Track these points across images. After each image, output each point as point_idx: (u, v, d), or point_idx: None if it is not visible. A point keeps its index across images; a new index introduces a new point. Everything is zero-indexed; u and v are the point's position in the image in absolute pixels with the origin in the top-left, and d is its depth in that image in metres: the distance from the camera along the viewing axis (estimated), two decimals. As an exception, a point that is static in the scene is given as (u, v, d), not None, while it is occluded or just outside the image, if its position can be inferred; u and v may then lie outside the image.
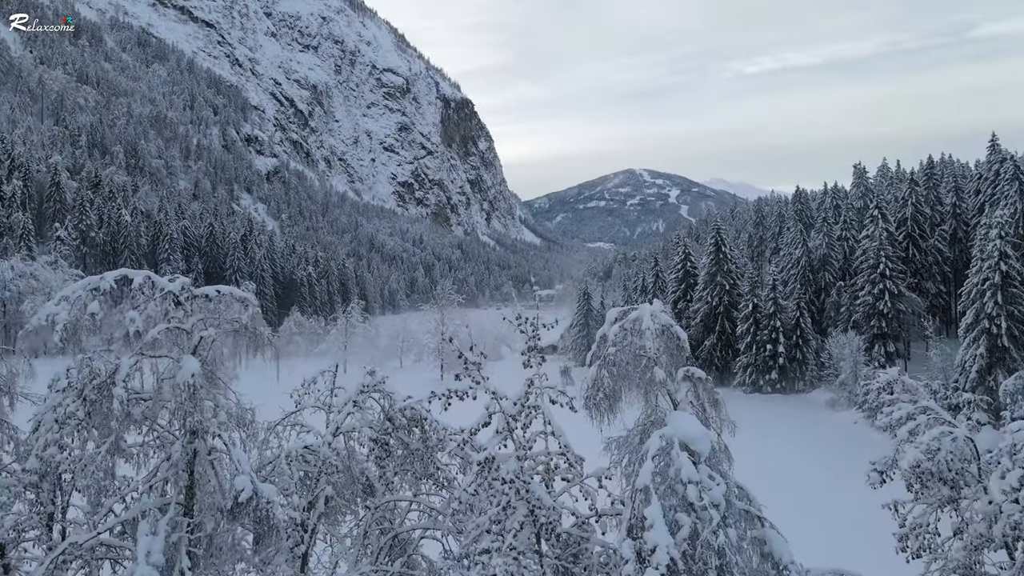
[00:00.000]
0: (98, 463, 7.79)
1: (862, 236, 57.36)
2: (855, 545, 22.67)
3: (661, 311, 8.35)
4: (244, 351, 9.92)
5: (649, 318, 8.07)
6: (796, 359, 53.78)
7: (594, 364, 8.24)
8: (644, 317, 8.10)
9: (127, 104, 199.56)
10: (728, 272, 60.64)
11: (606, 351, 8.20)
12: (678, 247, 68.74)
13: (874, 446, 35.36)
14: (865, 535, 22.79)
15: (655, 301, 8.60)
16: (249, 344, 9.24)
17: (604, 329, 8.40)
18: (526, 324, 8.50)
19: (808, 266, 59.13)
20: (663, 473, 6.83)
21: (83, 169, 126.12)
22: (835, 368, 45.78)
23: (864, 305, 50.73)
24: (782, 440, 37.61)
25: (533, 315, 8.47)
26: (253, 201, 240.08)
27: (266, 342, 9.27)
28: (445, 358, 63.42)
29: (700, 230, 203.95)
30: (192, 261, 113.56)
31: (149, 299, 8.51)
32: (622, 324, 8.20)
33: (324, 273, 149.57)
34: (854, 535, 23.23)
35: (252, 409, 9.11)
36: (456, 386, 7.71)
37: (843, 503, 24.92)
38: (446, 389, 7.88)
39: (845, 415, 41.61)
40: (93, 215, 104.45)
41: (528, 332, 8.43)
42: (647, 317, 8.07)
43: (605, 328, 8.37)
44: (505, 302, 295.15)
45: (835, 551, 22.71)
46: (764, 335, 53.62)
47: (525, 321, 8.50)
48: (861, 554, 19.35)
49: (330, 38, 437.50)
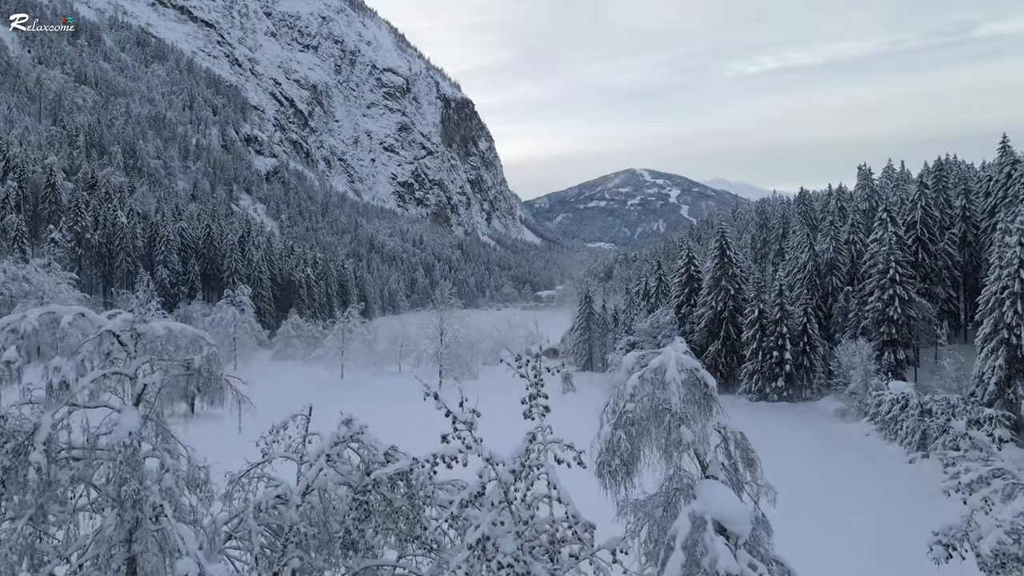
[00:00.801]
0: (13, 543, 6.50)
1: (870, 240, 56.04)
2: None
3: (685, 353, 7.09)
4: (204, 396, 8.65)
5: (675, 367, 6.76)
6: (803, 366, 52.50)
7: (608, 423, 6.91)
8: (669, 366, 6.79)
9: (125, 104, 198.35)
10: (733, 276, 59.35)
11: (623, 408, 6.88)
12: (682, 250, 67.42)
13: (887, 460, 34.12)
14: (893, 558, 21.47)
15: (677, 341, 7.31)
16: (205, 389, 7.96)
17: (619, 379, 7.11)
18: (527, 368, 7.21)
19: (815, 270, 57.84)
20: (695, 561, 5.59)
21: (80, 170, 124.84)
22: (844, 376, 44.49)
23: (873, 311, 49.44)
24: (792, 452, 36.29)
25: (535, 357, 7.16)
26: (252, 201, 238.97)
27: (225, 387, 8.00)
28: (444, 364, 62.15)
29: (702, 231, 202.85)
30: (189, 263, 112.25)
31: (84, 340, 7.24)
32: (642, 375, 6.90)
33: (323, 275, 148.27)
34: (880, 560, 21.89)
35: (206, 468, 7.84)
36: (443, 450, 6.44)
37: (865, 523, 23.61)
38: (431, 455, 6.60)
39: (856, 426, 40.30)
40: (89, 217, 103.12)
41: (530, 377, 7.14)
42: (672, 366, 6.76)
43: (620, 377, 7.08)
44: (506, 303, 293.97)
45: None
46: (770, 342, 52.33)
47: (526, 364, 7.20)
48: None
49: (330, 38, 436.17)
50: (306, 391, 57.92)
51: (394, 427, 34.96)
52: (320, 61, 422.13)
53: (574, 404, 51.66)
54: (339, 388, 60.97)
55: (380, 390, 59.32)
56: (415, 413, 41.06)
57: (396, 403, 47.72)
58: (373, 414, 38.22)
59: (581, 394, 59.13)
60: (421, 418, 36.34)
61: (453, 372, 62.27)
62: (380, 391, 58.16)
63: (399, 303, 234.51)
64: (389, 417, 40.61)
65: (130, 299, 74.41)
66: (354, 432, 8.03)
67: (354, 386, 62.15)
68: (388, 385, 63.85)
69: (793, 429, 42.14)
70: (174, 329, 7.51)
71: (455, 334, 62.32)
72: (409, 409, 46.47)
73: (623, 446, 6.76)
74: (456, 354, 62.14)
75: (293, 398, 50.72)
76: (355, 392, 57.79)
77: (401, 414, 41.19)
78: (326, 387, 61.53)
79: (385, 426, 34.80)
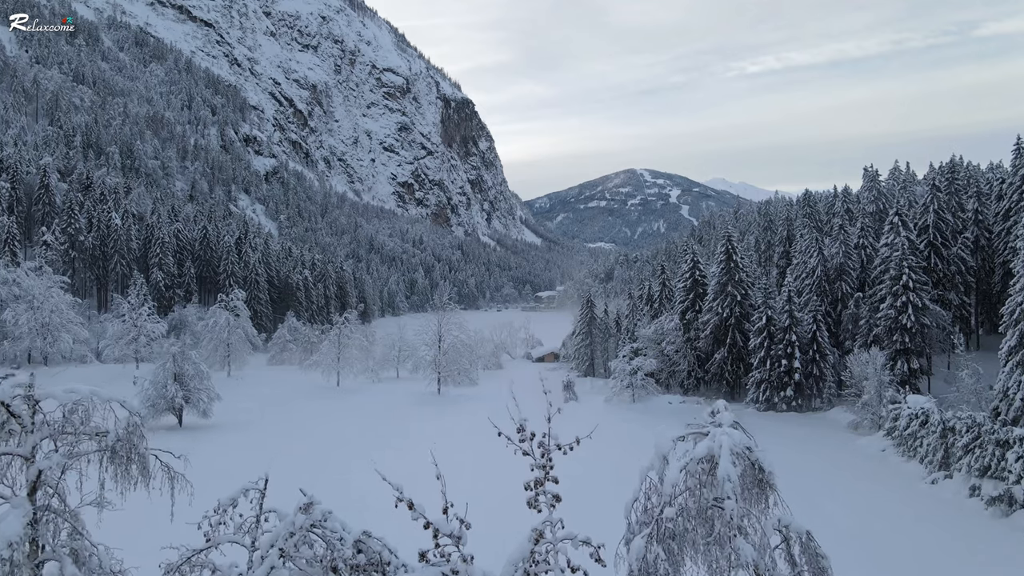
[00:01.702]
0: None
1: (881, 244, 54.46)
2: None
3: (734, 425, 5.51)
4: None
5: (729, 458, 5.11)
6: (812, 375, 50.89)
7: (639, 535, 5.23)
8: (721, 457, 5.14)
9: (123, 104, 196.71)
10: (740, 282, 57.75)
11: (659, 514, 5.19)
12: (687, 254, 65.78)
13: (907, 479, 32.50)
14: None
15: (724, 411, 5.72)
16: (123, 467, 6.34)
17: (654, 472, 5.44)
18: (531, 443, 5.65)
19: (824, 276, 56.23)
20: None
21: (75, 170, 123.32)
22: (857, 387, 42.89)
23: (886, 319, 47.82)
24: (805, 469, 34.68)
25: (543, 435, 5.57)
26: (251, 202, 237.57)
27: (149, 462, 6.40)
28: (443, 371, 60.54)
29: (703, 232, 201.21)
30: (184, 265, 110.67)
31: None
32: (686, 467, 5.27)
33: (321, 276, 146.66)
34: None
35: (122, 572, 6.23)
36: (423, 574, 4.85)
37: (898, 553, 21.98)
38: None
39: (870, 440, 38.67)
40: (82, 218, 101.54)
41: (535, 456, 5.56)
42: (726, 458, 5.11)
43: (655, 471, 5.40)
44: (506, 303, 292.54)
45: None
46: (779, 349, 50.71)
47: (531, 438, 5.64)
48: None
49: (330, 38, 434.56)
50: (300, 399, 56.31)
51: (389, 451, 32.92)
52: (320, 61, 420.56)
53: (576, 416, 49.93)
54: (335, 396, 59.37)
55: (377, 399, 57.72)
56: (410, 430, 39.04)
57: (391, 418, 46.11)
58: (367, 434, 36.09)
59: (583, 403, 57.55)
60: (419, 441, 34.04)
61: (452, 379, 60.72)
62: (377, 401, 56.55)
63: (399, 305, 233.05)
64: (384, 435, 38.93)
65: (122, 303, 72.72)
66: (315, 519, 6.43)
67: (350, 394, 60.55)
68: (385, 393, 62.24)
69: (804, 442, 40.54)
70: (82, 393, 5.91)
71: (454, 340, 60.71)
72: (404, 424, 44.86)
73: (661, 568, 5.07)
74: (455, 361, 60.54)
75: (286, 407, 48.86)
76: (351, 401, 56.18)
77: (398, 432, 39.45)
78: (321, 394, 59.93)
79: (379, 446, 32.43)
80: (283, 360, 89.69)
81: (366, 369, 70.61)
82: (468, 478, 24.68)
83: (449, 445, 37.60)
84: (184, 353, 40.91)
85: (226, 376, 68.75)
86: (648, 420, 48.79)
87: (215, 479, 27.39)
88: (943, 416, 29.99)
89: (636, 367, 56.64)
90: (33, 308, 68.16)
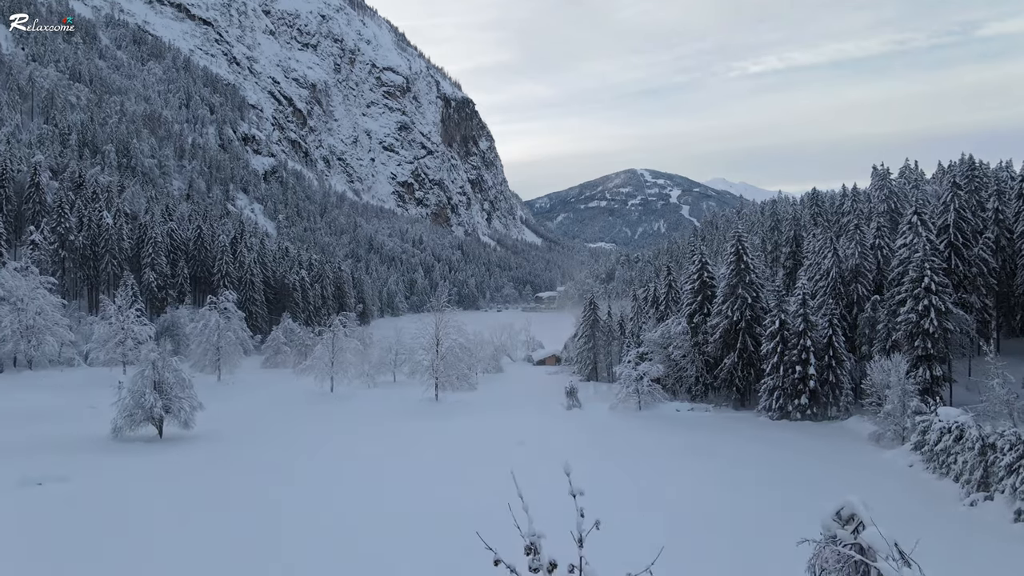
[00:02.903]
0: None
1: (898, 244, 52.05)
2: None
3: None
4: None
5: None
6: (828, 382, 48.45)
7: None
8: None
9: (120, 102, 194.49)
10: (751, 284, 55.32)
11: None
12: (694, 255, 63.35)
13: (941, 500, 30.06)
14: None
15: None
16: None
17: None
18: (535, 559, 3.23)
19: (839, 277, 53.82)
20: None
21: (67, 168, 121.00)
22: (878, 395, 40.49)
23: (907, 323, 45.41)
24: (828, 485, 32.30)
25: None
26: (250, 201, 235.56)
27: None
28: (440, 376, 58.14)
29: (707, 232, 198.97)
30: (178, 266, 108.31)
31: None
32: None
33: (318, 277, 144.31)
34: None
35: None
36: None
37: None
38: None
39: (895, 454, 36.26)
40: (73, 217, 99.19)
41: None
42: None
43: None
44: (506, 304, 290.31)
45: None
46: (793, 355, 48.30)
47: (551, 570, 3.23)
48: None
49: (329, 36, 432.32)
50: (290, 406, 53.81)
51: (378, 480, 29.99)
52: (319, 60, 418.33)
53: (581, 426, 47.51)
54: (327, 402, 56.94)
55: (371, 407, 55.25)
56: (406, 447, 36.54)
57: (382, 435, 43.62)
58: (353, 450, 32.68)
59: (587, 410, 55.16)
60: (416, 462, 30.14)
61: (450, 384, 58.31)
62: (370, 409, 54.05)
63: (398, 305, 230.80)
64: (378, 455, 36.25)
65: (109, 305, 70.30)
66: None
67: (344, 400, 58.08)
68: (381, 399, 59.77)
69: (824, 455, 38.17)
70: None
71: (452, 344, 58.29)
72: (401, 436, 42.40)
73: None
74: (453, 365, 58.13)
75: (274, 415, 45.97)
76: (343, 408, 53.71)
77: (395, 449, 36.24)
78: (313, 401, 57.49)
79: (367, 472, 28.63)
80: (277, 363, 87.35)
81: (361, 373, 68.24)
82: (468, 518, 22.25)
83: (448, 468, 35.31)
84: (165, 359, 38.53)
85: (216, 381, 66.35)
86: (656, 429, 46.46)
87: (186, 495, 24.45)
88: (982, 431, 27.59)
89: (642, 373, 54.24)
90: (17, 309, 65.82)
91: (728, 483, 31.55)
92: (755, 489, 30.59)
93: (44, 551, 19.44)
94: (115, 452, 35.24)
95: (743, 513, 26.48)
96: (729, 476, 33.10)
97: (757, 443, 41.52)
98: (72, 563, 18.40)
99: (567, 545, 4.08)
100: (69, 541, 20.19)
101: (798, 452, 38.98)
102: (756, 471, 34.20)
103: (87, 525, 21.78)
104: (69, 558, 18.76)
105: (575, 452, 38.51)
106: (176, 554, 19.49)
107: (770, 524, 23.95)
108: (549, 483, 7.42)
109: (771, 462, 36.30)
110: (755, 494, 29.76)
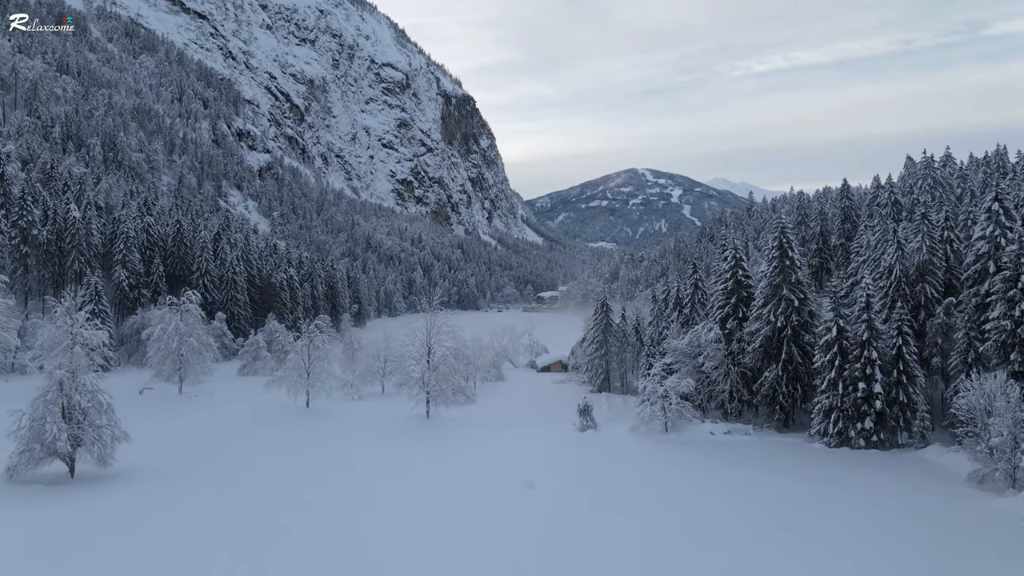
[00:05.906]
0: None
1: (975, 236, 43.79)
2: None
3: None
4: None
5: None
6: (898, 402, 40.26)
7: None
8: None
9: (108, 95, 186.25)
10: (797, 283, 47.06)
11: None
12: (725, 250, 54.97)
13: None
14: None
15: None
16: None
17: None
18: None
19: (903, 277, 45.60)
20: None
21: (38, 159, 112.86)
22: (974, 423, 32.29)
23: (998, 331, 37.27)
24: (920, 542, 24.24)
25: None
26: (244, 198, 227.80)
27: None
28: (432, 390, 49.81)
29: (714, 230, 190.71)
30: (153, 263, 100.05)
31: None
32: None
33: (308, 276, 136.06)
34: None
35: None
36: None
37: None
38: None
39: (1012, 503, 28.02)
40: (37, 210, 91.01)
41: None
42: None
43: None
44: (507, 304, 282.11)
45: None
46: (855, 369, 40.10)
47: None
48: None
49: (328, 31, 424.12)
50: (251, 428, 45.28)
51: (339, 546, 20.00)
52: (317, 55, 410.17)
53: (599, 455, 38.71)
54: (298, 422, 48.49)
55: (349, 428, 46.66)
56: (381, 485, 27.49)
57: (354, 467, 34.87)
58: (308, 499, 20.57)
59: (604, 432, 46.74)
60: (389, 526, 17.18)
61: (444, 398, 49.97)
62: (348, 431, 45.38)
63: (396, 305, 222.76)
64: (333, 507, 27.38)
65: (55, 306, 61.91)
66: None
67: (319, 418, 49.51)
68: (363, 418, 51.21)
69: (912, 502, 29.84)
70: None
71: (445, 353, 49.96)
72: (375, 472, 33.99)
73: None
74: (446, 377, 49.80)
75: (226, 441, 34.69)
76: (316, 430, 45.16)
77: (360, 498, 24.59)
78: (282, 420, 49.00)
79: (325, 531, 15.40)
80: (256, 370, 79.10)
81: (344, 384, 59.99)
82: None
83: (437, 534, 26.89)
84: (75, 378, 30.37)
85: (177, 393, 58.05)
86: (691, 463, 37.95)
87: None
88: None
89: (668, 388, 45.95)
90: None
91: (793, 551, 23.19)
92: (829, 561, 22.26)
93: None
94: (3, 500, 27.11)
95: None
96: (790, 538, 24.71)
97: (818, 484, 33.03)
98: None
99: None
100: None
101: (874, 497, 30.60)
102: (827, 530, 25.62)
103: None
104: None
105: (598, 498, 30.18)
106: None
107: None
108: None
109: (844, 514, 27.79)
110: (830, 567, 21.69)
